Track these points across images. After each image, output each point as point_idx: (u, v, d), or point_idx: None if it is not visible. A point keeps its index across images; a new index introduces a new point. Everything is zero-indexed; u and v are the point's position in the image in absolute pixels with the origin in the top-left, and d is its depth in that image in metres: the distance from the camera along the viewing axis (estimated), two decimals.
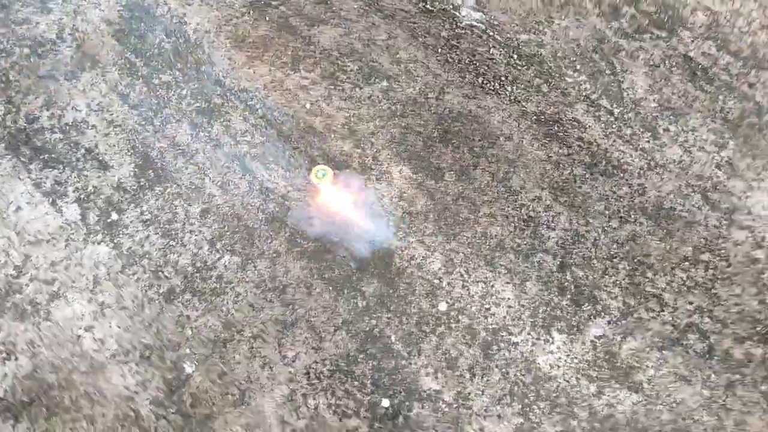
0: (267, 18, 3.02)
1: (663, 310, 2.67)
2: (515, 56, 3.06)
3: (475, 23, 3.08)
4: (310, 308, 2.54)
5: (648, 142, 2.97)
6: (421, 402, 2.44)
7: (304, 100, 2.88)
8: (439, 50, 3.02)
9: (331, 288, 2.58)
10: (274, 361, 2.45)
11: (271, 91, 2.88)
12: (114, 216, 2.62)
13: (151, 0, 3.01)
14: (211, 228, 2.63)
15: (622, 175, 2.88)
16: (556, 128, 2.94)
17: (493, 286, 2.64)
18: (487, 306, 2.61)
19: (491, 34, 3.11)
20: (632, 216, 2.80)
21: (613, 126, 2.97)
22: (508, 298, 2.62)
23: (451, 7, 3.14)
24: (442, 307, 2.60)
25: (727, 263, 2.78)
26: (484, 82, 2.99)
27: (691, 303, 2.71)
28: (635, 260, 2.73)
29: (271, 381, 2.41)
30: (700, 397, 2.57)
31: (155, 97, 2.83)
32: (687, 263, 2.76)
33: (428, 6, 3.13)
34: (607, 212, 2.81)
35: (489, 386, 2.50)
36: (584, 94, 3.01)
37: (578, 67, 3.08)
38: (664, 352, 2.60)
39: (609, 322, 2.63)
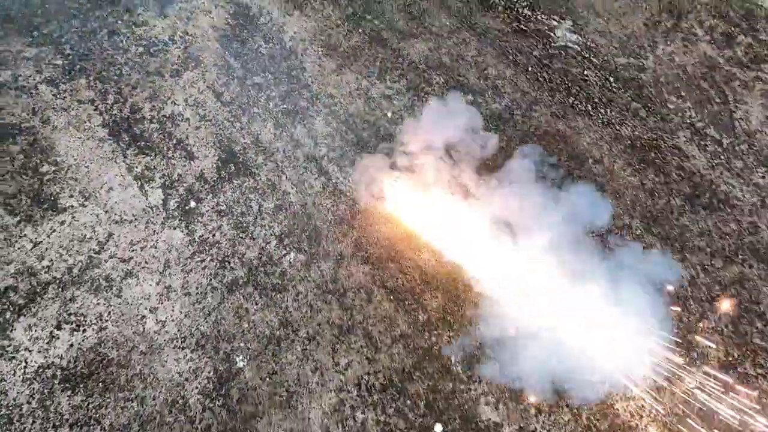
0: (360, 30, 2.95)
1: None
2: (611, 79, 2.75)
3: (570, 44, 2.82)
4: (369, 316, 2.31)
5: (763, 177, 2.51)
6: None
7: (387, 108, 2.74)
8: (530, 69, 2.78)
9: (392, 297, 2.34)
10: (326, 366, 2.23)
11: (356, 98, 2.77)
12: (192, 204, 2.57)
13: (256, 10, 3.05)
14: (282, 224, 2.50)
15: (729, 210, 2.44)
16: (652, 155, 2.56)
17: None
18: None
19: (587, 55, 2.83)
20: (740, 256, 2.35)
21: (721, 157, 2.55)
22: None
23: (546, 28, 2.91)
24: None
25: None
26: (576, 102, 2.70)
27: None
28: (742, 306, 2.26)
29: (320, 387, 2.19)
30: None
31: (246, 97, 2.81)
32: None
33: (522, 26, 2.92)
34: (709, 249, 2.37)
35: (556, 426, 2.11)
36: (688, 121, 2.63)
37: (683, 93, 2.71)
38: None
39: (705, 374, 2.16)
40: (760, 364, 2.18)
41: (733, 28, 2.90)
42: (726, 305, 2.26)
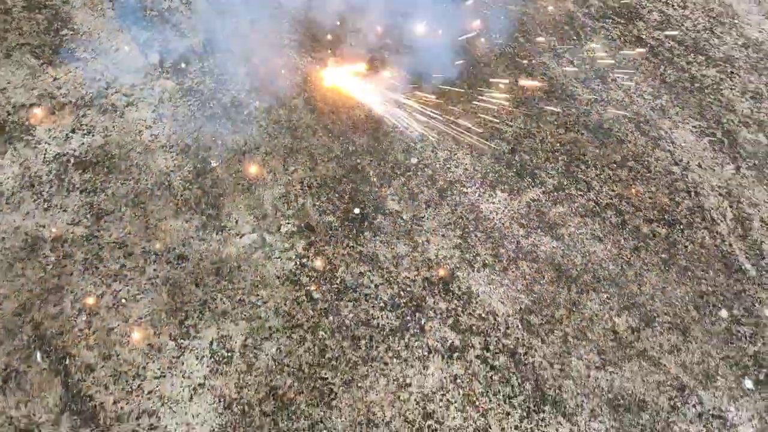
0: None
1: (589, 191, 3.37)
2: (501, 17, 4.08)
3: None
4: (312, 144, 3.38)
5: (598, 85, 3.84)
6: (384, 216, 3.16)
7: None
8: None
9: (330, 134, 3.43)
10: (278, 170, 3.25)
11: None
12: (183, 65, 3.60)
13: None
14: (251, 82, 3.57)
15: (572, 101, 3.73)
16: (524, 63, 3.86)
17: (455, 154, 3.43)
18: (449, 166, 3.38)
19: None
20: (576, 128, 3.60)
21: (573, 66, 3.88)
22: (466, 164, 3.39)
23: None
24: (413, 160, 3.39)
25: (648, 170, 3.49)
26: None
27: (613, 191, 3.40)
28: (573, 156, 3.49)
29: (273, 182, 3.20)
30: (609, 252, 3.18)
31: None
32: (615, 165, 3.49)
33: None
34: (556, 122, 3.62)
35: (439, 215, 3.21)
36: (552, 48, 3.97)
37: (551, 32, 4.06)
38: (585, 218, 3.27)
39: (544, 192, 3.34)
40: (580, 189, 3.39)
41: None
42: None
